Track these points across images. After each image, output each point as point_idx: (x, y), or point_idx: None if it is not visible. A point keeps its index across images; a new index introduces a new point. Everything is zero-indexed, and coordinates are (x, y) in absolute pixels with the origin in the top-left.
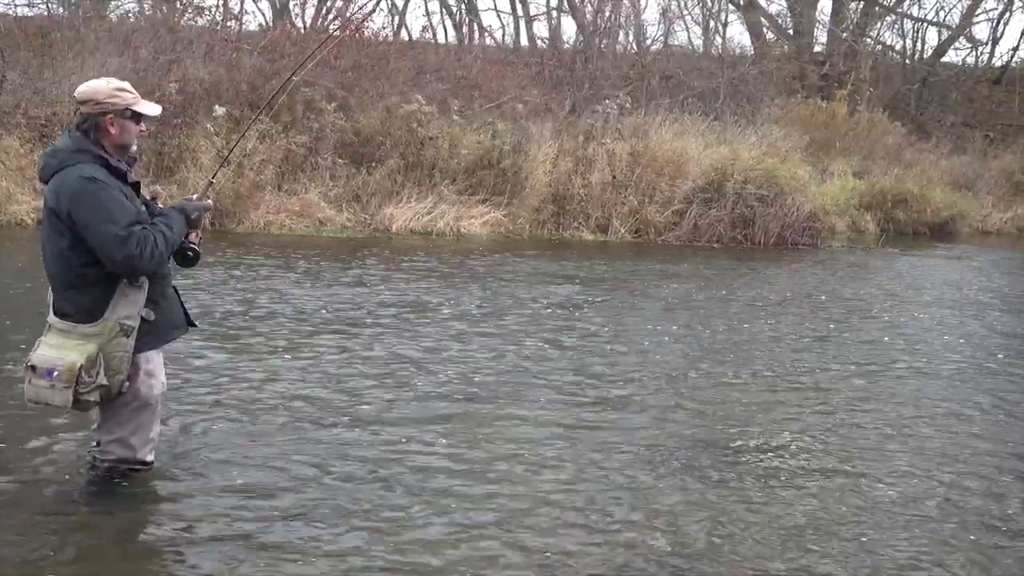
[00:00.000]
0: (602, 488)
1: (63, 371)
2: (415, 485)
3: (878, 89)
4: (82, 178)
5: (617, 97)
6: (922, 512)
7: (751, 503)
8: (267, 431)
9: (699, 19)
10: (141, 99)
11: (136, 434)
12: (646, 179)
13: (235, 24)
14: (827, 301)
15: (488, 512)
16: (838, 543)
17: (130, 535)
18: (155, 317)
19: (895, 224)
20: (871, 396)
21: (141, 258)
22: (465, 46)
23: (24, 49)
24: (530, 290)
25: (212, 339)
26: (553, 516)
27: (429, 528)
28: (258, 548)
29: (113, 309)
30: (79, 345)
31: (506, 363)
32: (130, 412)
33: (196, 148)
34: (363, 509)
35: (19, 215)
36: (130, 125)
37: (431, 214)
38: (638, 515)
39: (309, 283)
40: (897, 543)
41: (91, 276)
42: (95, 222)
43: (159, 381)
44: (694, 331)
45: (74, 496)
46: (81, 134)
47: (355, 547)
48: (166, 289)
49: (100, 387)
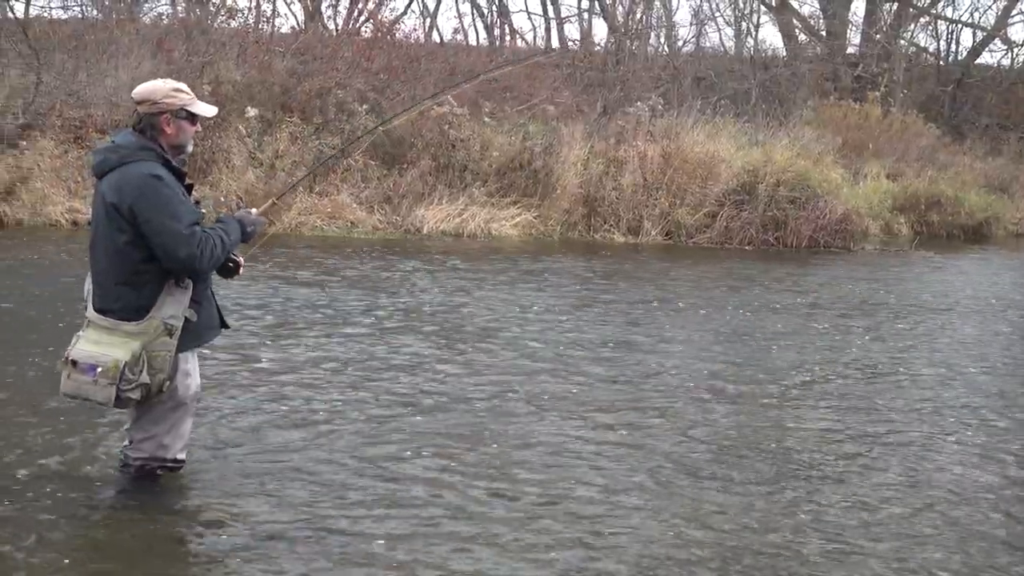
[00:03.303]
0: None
1: (108, 368)
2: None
3: (912, 91)
4: (148, 175)
5: (649, 99)
6: (979, 521)
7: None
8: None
9: (731, 20)
10: (197, 100)
11: (170, 432)
12: (677, 181)
13: (268, 26)
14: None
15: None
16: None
17: (161, 533)
18: (197, 318)
19: (929, 227)
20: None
21: (201, 258)
22: (496, 48)
23: (58, 51)
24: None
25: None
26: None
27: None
28: (293, 547)
29: (159, 308)
30: (124, 343)
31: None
32: (165, 411)
33: (228, 149)
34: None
35: (54, 216)
36: (185, 125)
37: (462, 216)
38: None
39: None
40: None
41: (147, 273)
42: (159, 219)
43: (195, 381)
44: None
45: (108, 493)
46: (139, 133)
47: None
48: (207, 291)
49: (142, 385)
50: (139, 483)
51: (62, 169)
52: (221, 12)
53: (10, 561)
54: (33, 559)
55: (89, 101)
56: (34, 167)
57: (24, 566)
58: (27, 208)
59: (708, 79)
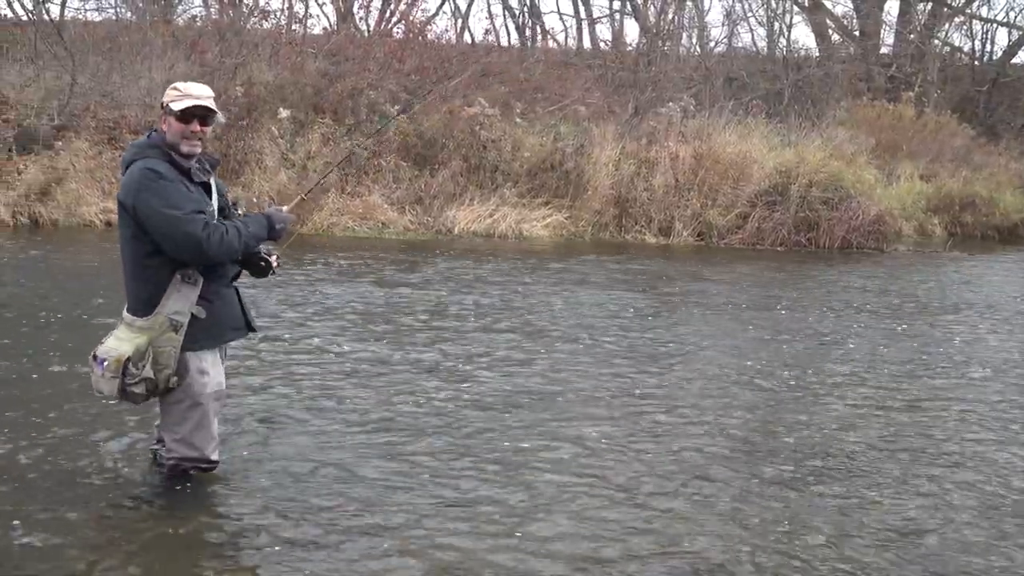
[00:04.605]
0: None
1: (111, 362)
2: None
3: (946, 91)
4: (144, 169)
5: (681, 99)
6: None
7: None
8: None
9: (763, 21)
10: (188, 96)
11: (195, 432)
12: (709, 182)
13: (300, 27)
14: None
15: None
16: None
17: (193, 534)
18: (207, 315)
19: (963, 228)
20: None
21: (209, 241)
22: (528, 49)
23: (93, 53)
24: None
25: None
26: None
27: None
28: (323, 552)
29: (165, 303)
30: (133, 338)
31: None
32: (183, 410)
33: (261, 150)
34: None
35: (88, 216)
36: (172, 122)
37: (493, 216)
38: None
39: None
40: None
41: (152, 267)
42: (156, 208)
43: (212, 380)
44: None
45: (141, 492)
46: (155, 132)
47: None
48: (221, 289)
49: (146, 380)
50: (173, 482)
51: (96, 170)
52: (254, 13)
53: (35, 558)
54: (59, 557)
55: (123, 102)
56: (69, 168)
57: (49, 563)
58: (62, 209)
59: (740, 79)
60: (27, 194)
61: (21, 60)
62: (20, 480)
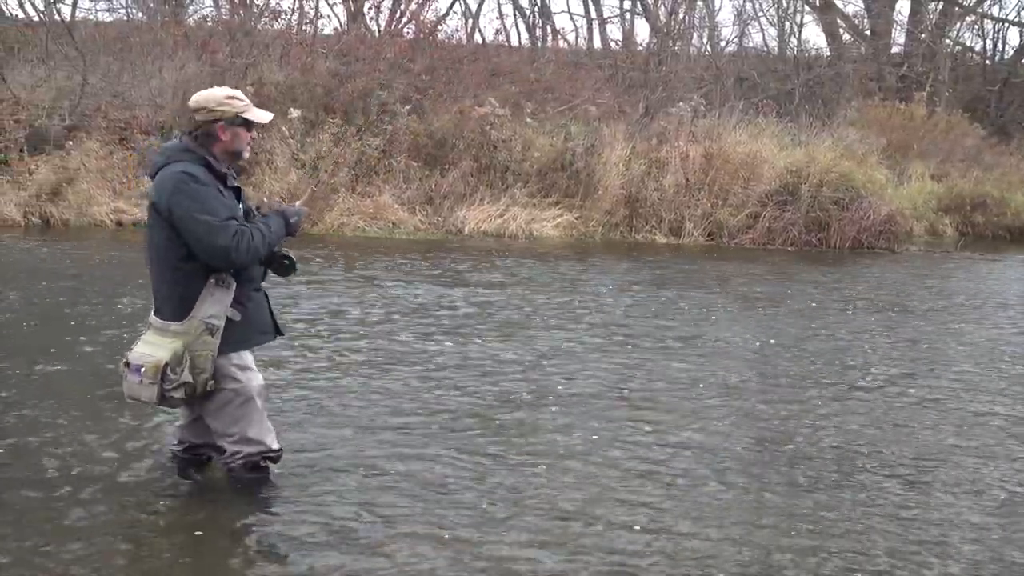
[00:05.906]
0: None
1: (149, 368)
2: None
3: (957, 91)
4: (181, 173)
5: (691, 99)
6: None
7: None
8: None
9: (774, 20)
10: (252, 106)
11: (251, 427)
12: (719, 182)
13: (310, 28)
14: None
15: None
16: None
17: (241, 533)
18: (241, 319)
19: (974, 228)
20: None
21: (237, 249)
22: (538, 49)
23: (104, 54)
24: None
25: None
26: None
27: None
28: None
29: (199, 308)
30: (169, 343)
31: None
32: (235, 409)
33: (271, 150)
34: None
35: (98, 216)
36: (240, 132)
37: (503, 216)
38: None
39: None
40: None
41: (186, 272)
42: (192, 213)
43: (255, 375)
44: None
45: (189, 491)
46: (192, 139)
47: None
48: (252, 292)
49: (184, 384)
50: (224, 482)
51: (107, 170)
52: (265, 14)
53: (57, 562)
54: (81, 561)
55: (134, 102)
56: (80, 168)
57: (70, 568)
58: (73, 209)
59: (751, 79)
60: (38, 194)
61: (32, 60)
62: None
